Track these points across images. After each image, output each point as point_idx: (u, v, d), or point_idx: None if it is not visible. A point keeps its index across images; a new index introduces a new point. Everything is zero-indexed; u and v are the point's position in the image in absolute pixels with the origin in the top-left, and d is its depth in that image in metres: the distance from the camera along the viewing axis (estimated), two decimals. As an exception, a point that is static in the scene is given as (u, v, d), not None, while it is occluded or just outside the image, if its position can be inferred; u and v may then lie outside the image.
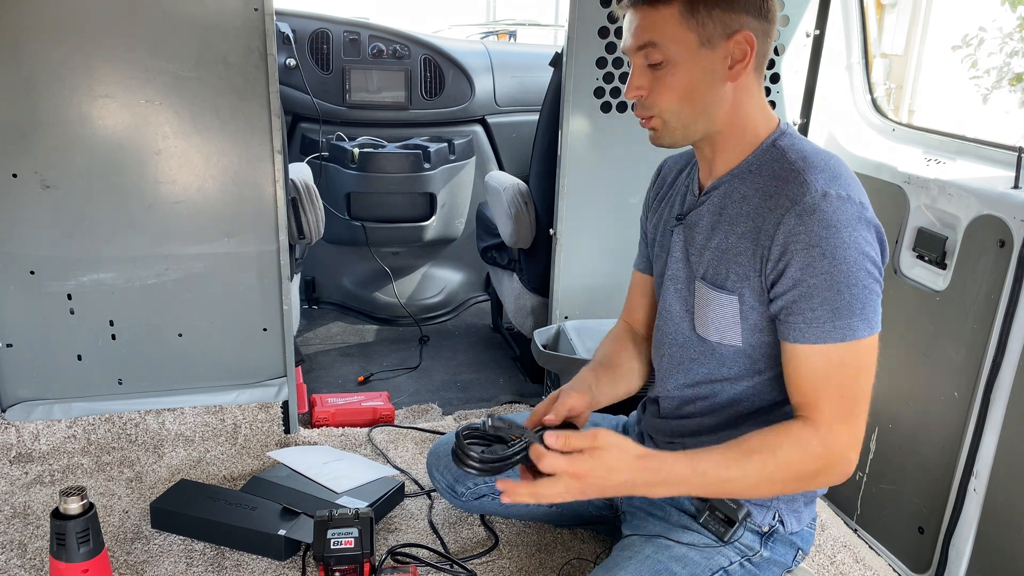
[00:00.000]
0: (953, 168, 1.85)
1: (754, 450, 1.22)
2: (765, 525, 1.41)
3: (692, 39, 1.23)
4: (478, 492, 1.76)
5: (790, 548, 1.44)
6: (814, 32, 2.21)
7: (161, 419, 2.11)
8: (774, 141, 1.31)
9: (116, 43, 1.84)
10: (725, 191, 1.34)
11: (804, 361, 1.24)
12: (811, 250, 1.19)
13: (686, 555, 1.37)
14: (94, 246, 1.96)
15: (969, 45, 5.39)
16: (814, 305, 1.20)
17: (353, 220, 3.14)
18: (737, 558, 1.39)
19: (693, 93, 1.27)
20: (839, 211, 1.20)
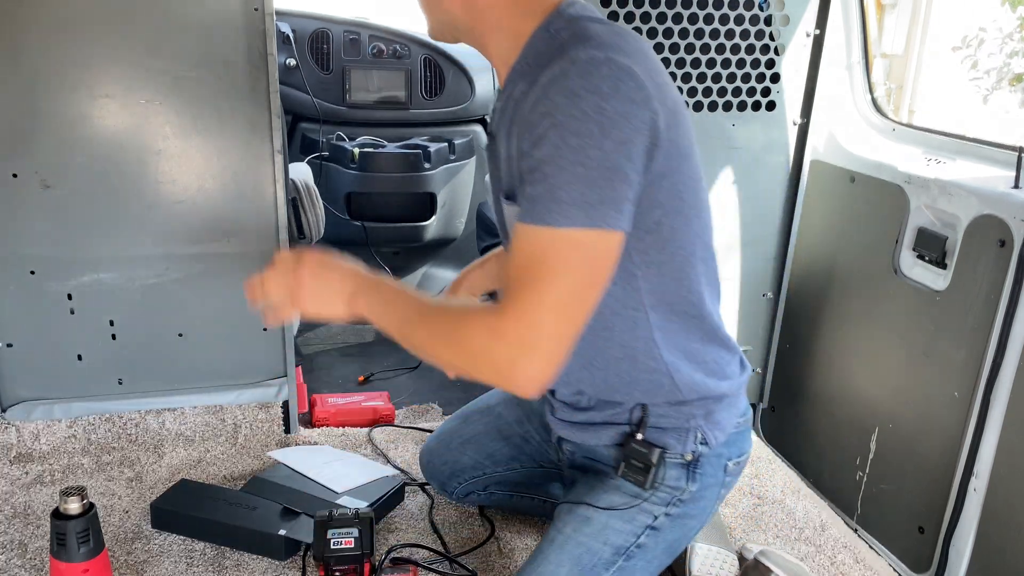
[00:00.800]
0: (953, 168, 1.85)
1: (442, 310, 1.16)
2: (688, 452, 1.34)
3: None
4: (465, 490, 1.80)
5: (717, 464, 1.38)
6: (814, 32, 2.21)
7: (161, 419, 2.11)
8: (548, 24, 1.14)
9: (116, 43, 1.84)
10: (506, 93, 1.20)
11: (518, 242, 1.07)
12: (544, 120, 1.03)
13: (606, 525, 1.34)
14: (94, 246, 1.96)
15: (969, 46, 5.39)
16: (535, 180, 1.04)
17: (353, 220, 3.13)
18: (661, 509, 1.36)
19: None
20: (587, 76, 1.02)
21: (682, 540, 1.42)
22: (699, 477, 1.37)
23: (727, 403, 1.38)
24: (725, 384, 1.37)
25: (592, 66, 1.03)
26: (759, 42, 2.18)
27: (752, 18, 2.15)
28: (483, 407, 1.81)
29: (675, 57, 2.13)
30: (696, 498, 1.38)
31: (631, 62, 1.06)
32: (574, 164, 1.02)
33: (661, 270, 1.23)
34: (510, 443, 1.73)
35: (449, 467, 1.80)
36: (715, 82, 2.18)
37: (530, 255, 1.05)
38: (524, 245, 1.06)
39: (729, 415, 1.38)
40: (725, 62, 2.17)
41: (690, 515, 1.40)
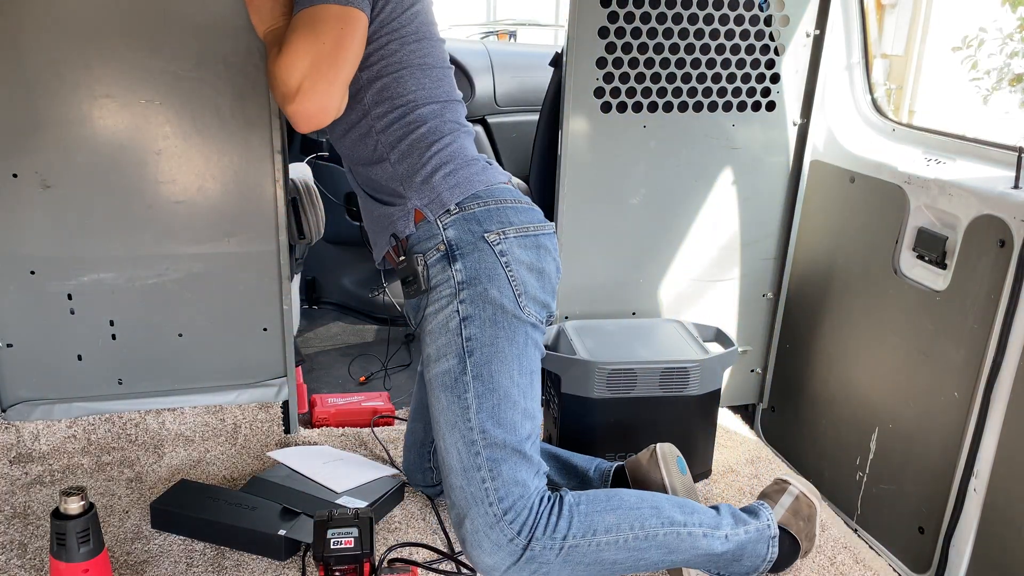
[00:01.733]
0: (953, 168, 1.85)
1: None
2: (439, 244, 1.52)
3: None
4: (428, 478, 1.89)
5: (472, 241, 1.51)
6: (814, 32, 2.21)
7: (161, 419, 2.11)
8: None
9: (116, 43, 1.84)
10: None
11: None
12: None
13: (437, 348, 1.53)
14: (94, 246, 1.96)
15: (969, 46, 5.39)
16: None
17: (353, 220, 3.13)
18: (455, 302, 1.50)
19: None
20: None
21: (501, 304, 1.51)
22: (459, 257, 1.51)
23: (442, 172, 1.56)
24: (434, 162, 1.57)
25: None
26: (759, 42, 2.18)
27: (752, 18, 2.15)
28: (422, 384, 1.87)
29: (675, 57, 2.13)
30: (472, 274, 1.50)
31: None
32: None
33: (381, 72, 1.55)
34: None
35: (412, 452, 1.88)
36: (715, 82, 2.18)
37: (293, 24, 1.43)
38: (292, 21, 1.44)
39: (448, 184, 1.55)
40: (725, 62, 2.17)
41: (482, 287, 1.50)
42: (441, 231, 1.52)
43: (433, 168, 1.54)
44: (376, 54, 1.52)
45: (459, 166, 1.56)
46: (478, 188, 1.55)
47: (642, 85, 2.15)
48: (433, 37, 1.60)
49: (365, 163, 1.62)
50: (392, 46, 1.53)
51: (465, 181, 1.55)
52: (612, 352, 2.05)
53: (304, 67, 1.39)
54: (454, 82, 1.66)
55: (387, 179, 1.58)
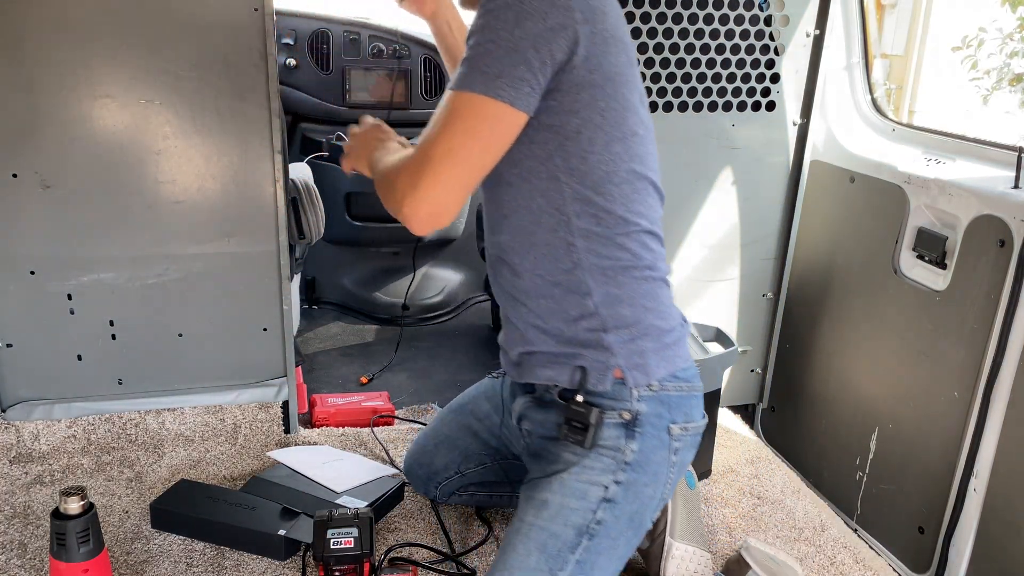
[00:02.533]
0: (953, 168, 1.85)
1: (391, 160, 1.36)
2: (624, 411, 1.37)
3: None
4: (445, 491, 1.84)
5: (659, 425, 1.39)
6: (814, 32, 2.21)
7: (161, 419, 2.11)
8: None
9: (116, 43, 1.84)
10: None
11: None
12: (482, 7, 1.22)
13: (563, 505, 1.35)
14: (94, 246, 1.96)
15: (969, 46, 5.39)
16: (465, 56, 1.23)
17: (353, 220, 3.13)
18: (610, 477, 1.36)
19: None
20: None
21: (643, 514, 1.41)
22: (638, 436, 1.37)
23: (654, 341, 1.39)
24: (651, 318, 1.39)
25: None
26: (759, 42, 2.18)
27: (752, 18, 2.15)
28: (456, 407, 1.83)
29: (675, 57, 2.13)
30: (642, 462, 1.38)
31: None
32: (489, 41, 1.20)
33: (584, 181, 1.32)
34: (479, 439, 1.75)
35: (425, 470, 1.84)
36: (715, 82, 2.18)
37: (443, 111, 1.24)
38: (441, 106, 1.25)
39: (656, 360, 1.39)
40: (725, 62, 2.17)
41: (642, 483, 1.38)
42: (633, 401, 1.37)
43: (646, 327, 1.38)
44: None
45: (670, 327, 1.41)
46: (680, 366, 1.42)
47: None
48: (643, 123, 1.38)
49: (551, 285, 1.39)
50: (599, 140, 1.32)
51: (673, 354, 1.41)
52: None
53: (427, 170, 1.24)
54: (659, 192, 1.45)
55: (586, 317, 1.38)
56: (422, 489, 1.89)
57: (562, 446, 1.41)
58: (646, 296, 1.39)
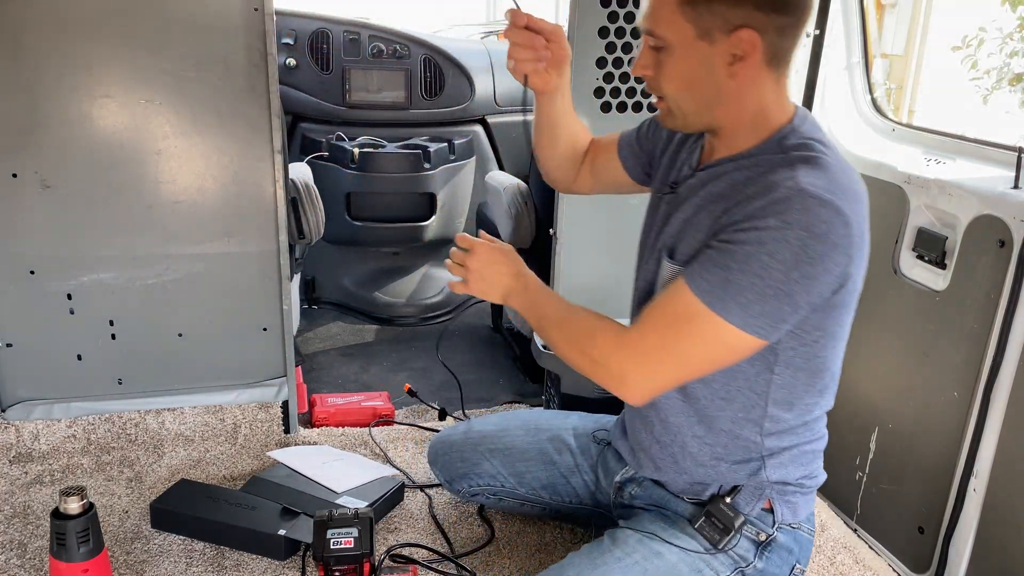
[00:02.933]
0: (953, 168, 1.85)
1: (579, 314, 1.35)
2: (763, 532, 1.40)
3: (689, 30, 1.20)
4: (473, 491, 1.78)
5: (787, 559, 1.42)
6: (814, 32, 2.20)
7: (161, 419, 2.11)
8: (782, 139, 1.26)
9: (116, 43, 1.84)
10: (717, 172, 1.31)
11: (671, 292, 1.24)
12: (754, 231, 1.15)
13: (675, 566, 1.36)
14: (94, 246, 1.96)
15: (969, 46, 5.39)
16: (720, 264, 1.17)
17: (353, 220, 3.14)
18: (727, 572, 1.38)
19: (693, 85, 1.24)
20: (807, 212, 1.13)
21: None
22: (766, 558, 1.40)
23: (803, 489, 1.43)
24: (808, 473, 1.43)
25: (815, 205, 1.13)
26: (759, 42, 2.17)
27: (752, 18, 2.15)
28: (529, 426, 1.77)
29: (675, 57, 2.13)
30: (760, 574, 1.40)
31: (850, 210, 1.16)
32: (757, 274, 1.15)
33: (796, 375, 1.33)
34: (550, 471, 1.70)
35: (467, 467, 1.76)
36: (715, 82, 2.18)
37: (682, 314, 1.21)
38: (681, 303, 1.21)
39: (802, 503, 1.43)
40: (725, 62, 2.17)
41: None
42: (774, 530, 1.40)
43: (802, 474, 1.41)
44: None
45: (819, 475, 1.45)
46: (812, 509, 1.47)
47: (642, 85, 2.15)
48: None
49: (726, 433, 1.38)
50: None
51: (813, 498, 1.46)
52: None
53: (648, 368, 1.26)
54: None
55: (752, 460, 1.39)
56: (447, 481, 1.81)
57: (686, 523, 1.43)
58: (810, 459, 1.43)
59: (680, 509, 1.45)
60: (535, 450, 1.71)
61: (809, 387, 1.35)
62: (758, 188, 1.18)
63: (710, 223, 1.25)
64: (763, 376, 1.32)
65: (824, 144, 1.24)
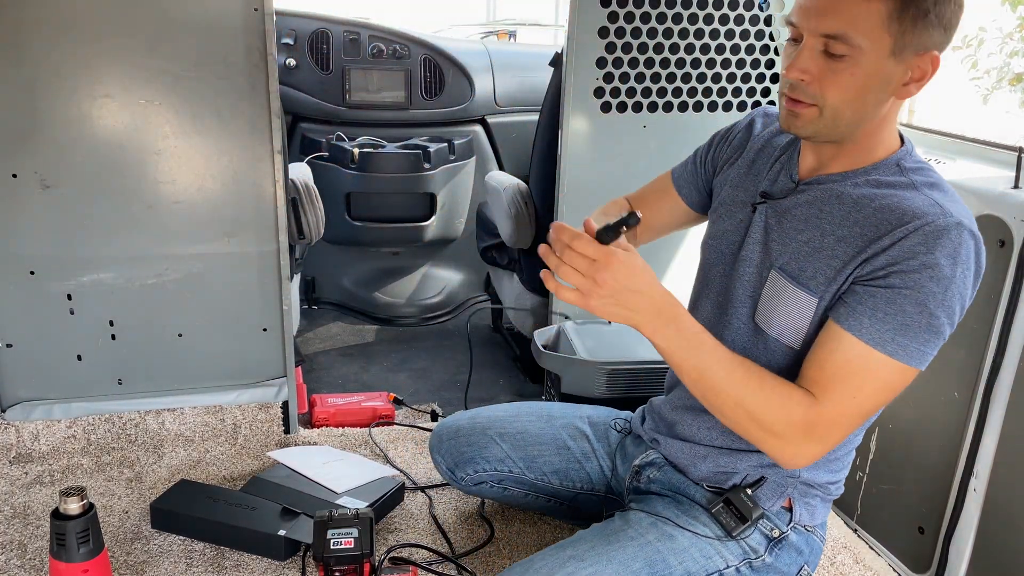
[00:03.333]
0: (953, 168, 1.85)
1: (752, 373, 1.21)
2: (778, 529, 1.40)
3: (887, 43, 1.13)
4: (477, 479, 1.74)
5: (796, 560, 1.43)
6: (814, 32, 2.20)
7: (161, 419, 2.11)
8: (899, 161, 1.26)
9: (116, 43, 1.84)
10: (832, 189, 1.28)
11: (844, 349, 1.20)
12: (924, 270, 1.14)
13: (686, 549, 1.37)
14: (94, 246, 1.96)
15: (969, 46, 5.38)
16: (891, 310, 1.16)
17: (353, 220, 3.14)
18: (736, 561, 1.39)
19: (862, 98, 1.18)
20: (968, 249, 1.16)
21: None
22: (775, 554, 1.41)
23: (823, 495, 1.44)
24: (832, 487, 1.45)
25: (969, 238, 1.16)
26: (759, 42, 2.18)
27: (752, 18, 2.15)
28: (541, 413, 1.76)
29: (675, 57, 2.13)
30: (766, 570, 1.41)
31: (978, 235, 1.19)
32: (932, 314, 1.15)
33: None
34: (563, 456, 1.69)
35: (473, 451, 1.72)
36: (715, 82, 2.18)
37: (860, 369, 1.19)
38: (857, 359, 1.19)
39: (820, 508, 1.45)
40: (725, 62, 2.17)
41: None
42: (789, 529, 1.41)
43: (831, 480, 1.43)
44: None
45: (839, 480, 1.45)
46: (826, 516, 1.49)
47: (642, 85, 2.15)
48: None
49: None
50: None
51: (828, 507, 1.48)
52: (612, 352, 2.05)
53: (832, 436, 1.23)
54: None
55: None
56: (449, 470, 1.76)
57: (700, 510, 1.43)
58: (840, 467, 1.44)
59: (697, 496, 1.45)
60: (548, 436, 1.71)
61: None
62: (903, 217, 1.18)
63: (848, 252, 1.22)
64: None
65: (939, 176, 1.25)
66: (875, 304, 1.17)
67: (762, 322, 1.33)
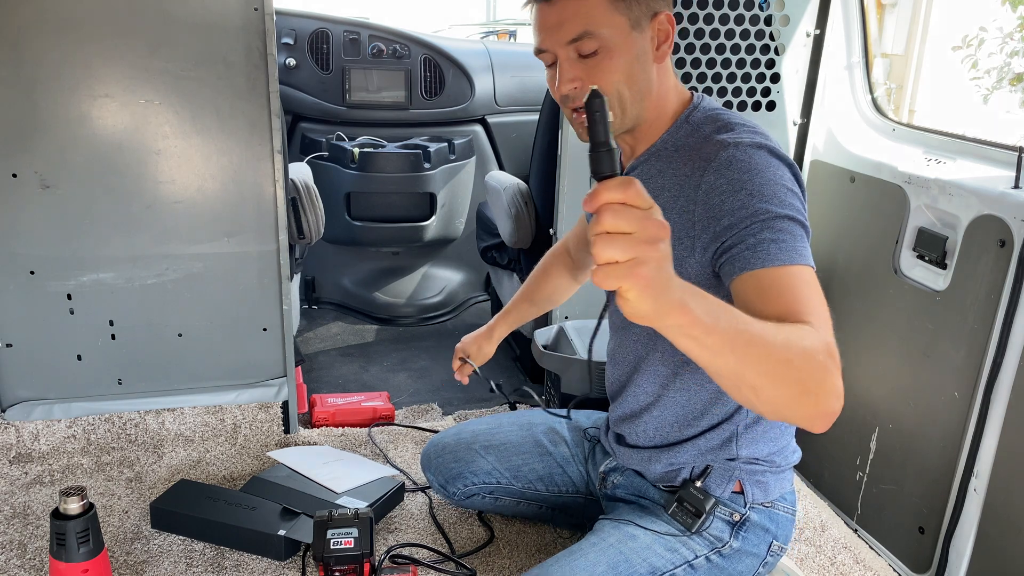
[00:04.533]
0: (953, 168, 1.85)
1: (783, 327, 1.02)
2: (736, 513, 1.41)
3: (623, 22, 1.22)
4: (468, 492, 1.78)
5: (764, 537, 1.44)
6: (814, 32, 2.21)
7: (161, 419, 2.11)
8: (687, 116, 1.32)
9: (116, 43, 1.84)
10: (645, 171, 1.33)
11: (766, 283, 1.12)
12: (738, 193, 1.16)
13: (649, 547, 1.38)
14: (94, 246, 1.96)
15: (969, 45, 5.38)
16: (754, 233, 1.14)
17: (353, 220, 3.14)
18: (704, 551, 1.40)
19: (631, 77, 1.25)
20: (755, 156, 1.19)
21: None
22: (742, 537, 1.42)
23: (773, 467, 1.44)
24: (778, 450, 1.44)
25: (753, 149, 1.19)
26: (759, 42, 2.18)
27: (752, 18, 2.15)
28: (521, 421, 1.80)
29: (675, 57, 2.13)
30: (736, 556, 1.42)
31: (769, 142, 1.23)
32: (788, 221, 1.14)
33: None
34: (546, 462, 1.72)
35: (461, 466, 1.77)
36: (715, 82, 2.18)
37: (804, 285, 1.11)
38: (793, 280, 1.11)
39: (774, 482, 1.44)
40: (725, 62, 2.17)
41: (726, 570, 1.43)
42: (747, 510, 1.42)
43: (772, 450, 1.42)
44: None
45: (790, 453, 1.46)
46: (788, 488, 1.48)
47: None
48: None
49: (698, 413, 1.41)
50: None
51: (785, 478, 1.47)
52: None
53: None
54: None
55: (722, 426, 1.40)
56: (441, 485, 1.81)
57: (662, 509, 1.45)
58: (778, 434, 1.43)
59: (656, 497, 1.48)
60: (530, 442, 1.74)
61: None
62: (696, 166, 1.22)
63: (679, 219, 1.23)
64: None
65: (724, 113, 1.30)
66: (742, 240, 1.14)
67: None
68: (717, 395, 1.39)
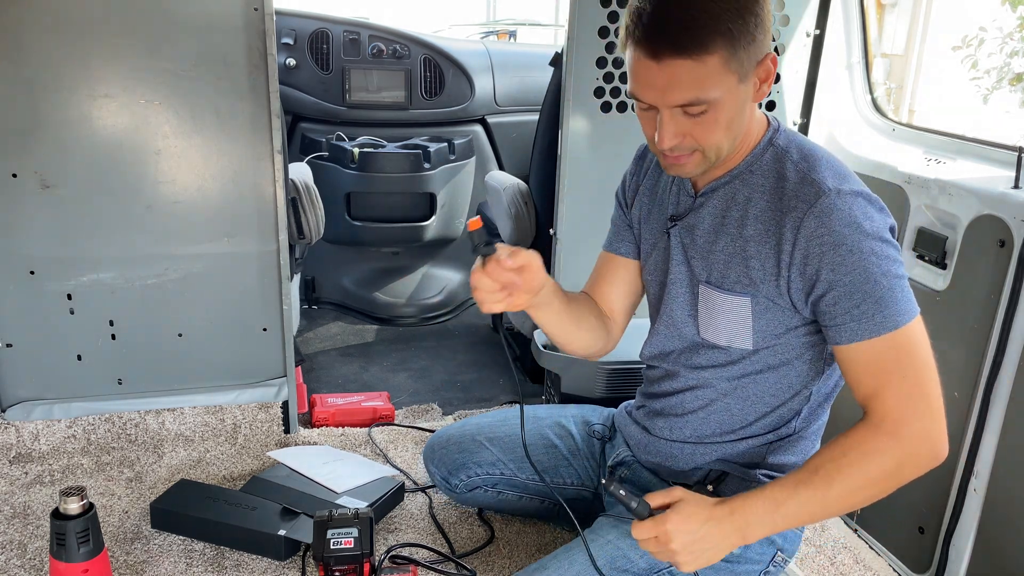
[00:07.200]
0: (953, 168, 1.85)
1: (832, 475, 1.22)
2: None
3: (733, 80, 1.19)
4: (471, 484, 1.76)
5: (768, 547, 1.43)
6: (814, 32, 2.20)
7: (161, 419, 2.11)
8: (770, 140, 1.32)
9: (116, 43, 1.84)
10: (726, 193, 1.34)
11: (861, 358, 1.25)
12: (838, 249, 1.20)
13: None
14: (94, 246, 1.96)
15: (969, 45, 5.39)
16: (857, 302, 1.21)
17: (353, 220, 3.14)
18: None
19: (733, 126, 1.24)
20: (855, 207, 1.22)
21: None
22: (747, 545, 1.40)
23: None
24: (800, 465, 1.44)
25: (852, 198, 1.23)
26: (759, 42, 2.17)
27: (752, 18, 2.15)
28: (527, 416, 1.75)
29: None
30: (737, 560, 1.41)
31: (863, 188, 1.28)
32: (875, 279, 1.20)
33: (834, 372, 1.43)
34: (552, 453, 1.71)
35: (465, 457, 1.75)
36: (715, 82, 2.18)
37: (891, 358, 1.23)
38: (877, 354, 1.23)
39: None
40: (725, 62, 2.17)
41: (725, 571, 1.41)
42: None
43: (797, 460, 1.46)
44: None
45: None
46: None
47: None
48: None
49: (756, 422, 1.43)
50: None
51: None
52: (612, 352, 2.04)
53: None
54: None
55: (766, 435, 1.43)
56: (444, 478, 1.79)
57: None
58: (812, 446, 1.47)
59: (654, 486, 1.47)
60: (536, 435, 1.73)
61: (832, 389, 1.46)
62: (793, 204, 1.24)
63: (767, 251, 1.27)
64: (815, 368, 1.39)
65: (809, 144, 1.33)
66: (843, 308, 1.22)
67: (710, 336, 1.38)
68: (776, 406, 1.40)
